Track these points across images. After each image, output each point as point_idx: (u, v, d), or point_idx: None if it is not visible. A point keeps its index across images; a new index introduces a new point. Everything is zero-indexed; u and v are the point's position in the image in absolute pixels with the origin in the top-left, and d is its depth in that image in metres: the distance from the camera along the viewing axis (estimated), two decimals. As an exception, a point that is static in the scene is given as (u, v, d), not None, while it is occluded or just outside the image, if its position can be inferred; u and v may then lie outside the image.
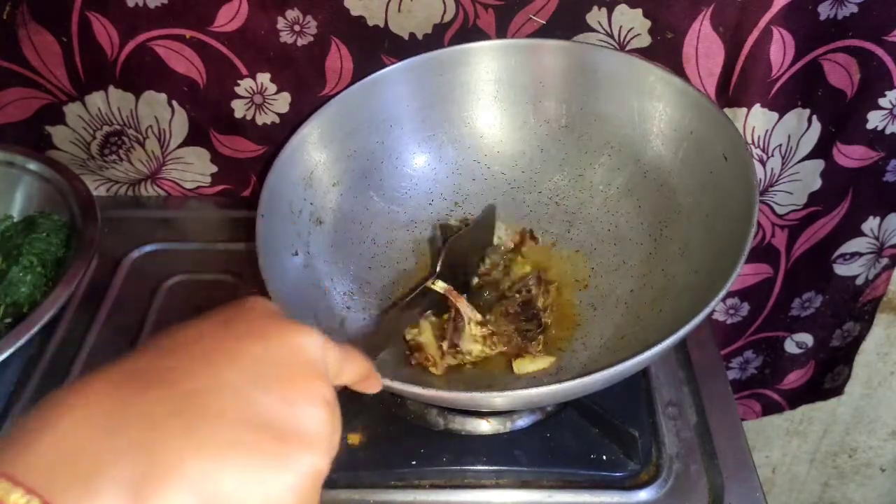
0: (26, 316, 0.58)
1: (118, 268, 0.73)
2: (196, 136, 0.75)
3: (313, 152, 0.63)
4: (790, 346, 0.89)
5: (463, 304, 0.57)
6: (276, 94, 0.71)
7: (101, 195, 0.80)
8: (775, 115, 0.69)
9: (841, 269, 0.82)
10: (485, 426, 0.58)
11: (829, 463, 1.14)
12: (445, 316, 0.59)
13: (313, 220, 0.62)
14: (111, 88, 0.71)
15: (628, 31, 0.66)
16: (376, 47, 0.68)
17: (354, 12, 0.66)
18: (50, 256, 0.65)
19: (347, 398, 0.59)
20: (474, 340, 0.57)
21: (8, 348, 0.55)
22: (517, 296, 0.60)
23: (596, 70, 0.64)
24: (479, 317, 0.58)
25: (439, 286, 0.57)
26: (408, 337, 0.58)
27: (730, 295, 0.84)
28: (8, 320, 0.62)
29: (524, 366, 0.57)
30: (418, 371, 0.57)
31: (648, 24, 0.65)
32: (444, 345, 0.57)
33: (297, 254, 0.60)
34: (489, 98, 0.68)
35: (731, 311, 0.86)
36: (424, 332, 0.58)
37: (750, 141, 0.71)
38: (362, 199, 0.66)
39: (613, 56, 0.64)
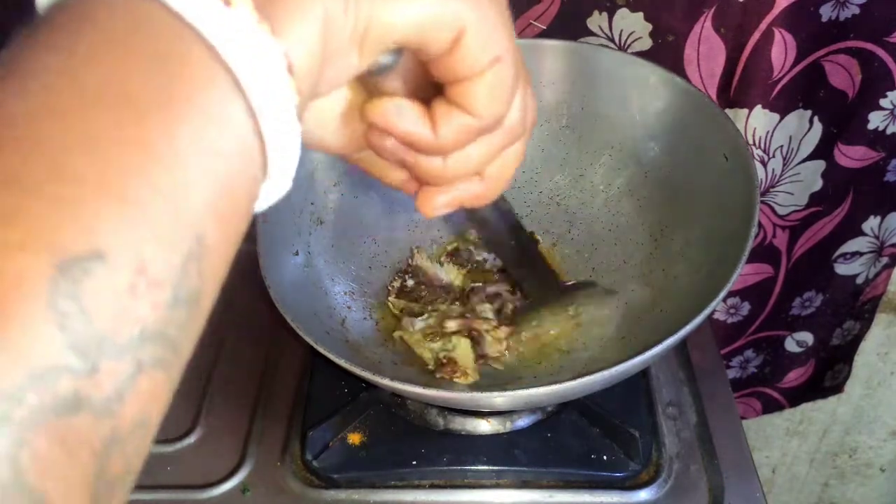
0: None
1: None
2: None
3: (314, 152, 0.63)
4: (791, 345, 0.90)
5: (478, 322, 0.57)
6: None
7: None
8: (776, 116, 0.69)
9: (841, 269, 0.82)
10: (485, 426, 0.58)
11: (829, 463, 1.14)
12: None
13: (314, 220, 0.62)
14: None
15: (629, 35, 0.66)
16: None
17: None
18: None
19: (347, 399, 0.59)
20: (498, 342, 0.57)
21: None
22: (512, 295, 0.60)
23: (596, 70, 0.64)
24: (496, 321, 0.58)
25: (451, 326, 0.58)
26: (430, 354, 0.58)
27: (730, 294, 0.84)
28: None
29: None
30: (425, 374, 0.57)
31: (649, 27, 0.65)
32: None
33: (297, 253, 0.60)
34: (490, 98, 0.68)
35: (732, 311, 0.86)
36: (459, 349, 0.57)
37: (751, 142, 0.71)
38: (363, 198, 0.66)
39: (614, 56, 0.64)
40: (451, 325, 0.58)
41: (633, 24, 0.65)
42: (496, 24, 0.27)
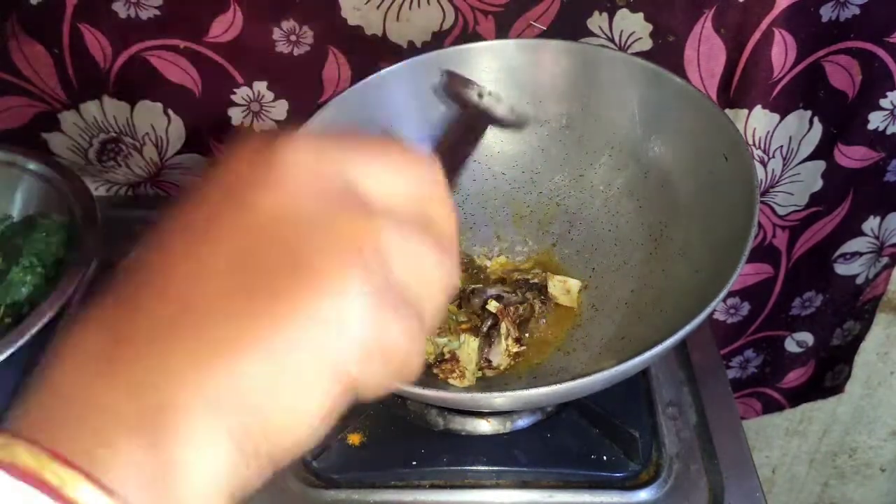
0: (26, 316, 0.57)
1: (118, 268, 0.73)
2: (195, 143, 0.75)
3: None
4: (791, 345, 0.90)
5: (509, 322, 0.57)
6: (273, 101, 0.71)
7: (101, 195, 0.79)
8: (776, 116, 0.69)
9: (841, 269, 0.82)
10: (485, 426, 0.58)
11: (829, 463, 1.14)
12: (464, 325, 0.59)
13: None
14: (105, 98, 0.71)
15: (629, 35, 0.66)
16: (375, 56, 0.67)
17: (352, 22, 0.66)
18: (50, 256, 0.65)
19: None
20: (508, 355, 0.57)
21: (8, 348, 0.55)
22: (517, 305, 0.59)
23: (596, 70, 0.64)
24: (517, 333, 0.58)
25: (493, 306, 0.58)
26: (432, 348, 0.58)
27: (730, 294, 0.84)
28: (8, 320, 0.62)
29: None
30: (432, 378, 0.57)
31: (650, 27, 0.65)
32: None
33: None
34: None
35: (732, 311, 0.86)
36: (466, 347, 0.56)
37: (751, 142, 0.71)
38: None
39: (614, 56, 0.64)
40: (493, 305, 0.58)
41: (634, 25, 0.65)
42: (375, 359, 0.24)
